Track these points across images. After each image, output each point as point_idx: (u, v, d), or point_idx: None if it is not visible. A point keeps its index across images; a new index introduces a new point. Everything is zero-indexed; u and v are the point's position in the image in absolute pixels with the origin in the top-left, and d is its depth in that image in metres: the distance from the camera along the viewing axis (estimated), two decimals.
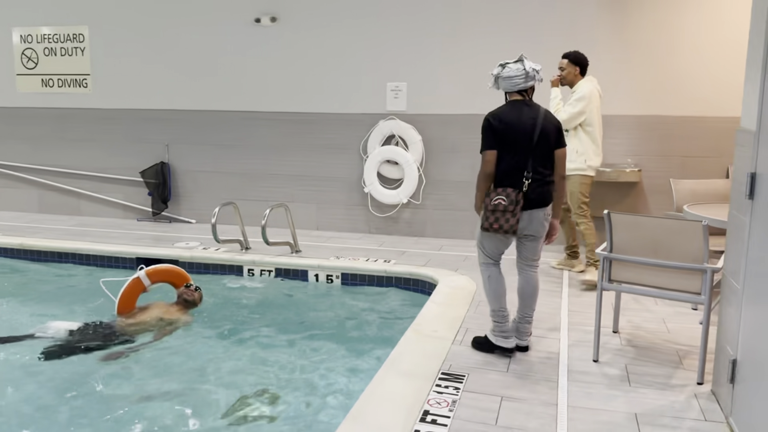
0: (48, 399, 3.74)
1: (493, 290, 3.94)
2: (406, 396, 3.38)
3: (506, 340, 3.95)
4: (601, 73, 6.52)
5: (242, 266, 6.15)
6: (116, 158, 8.18)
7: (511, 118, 3.79)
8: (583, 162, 5.50)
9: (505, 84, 3.83)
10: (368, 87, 7.25)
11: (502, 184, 3.79)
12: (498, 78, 3.83)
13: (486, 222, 3.79)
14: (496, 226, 3.75)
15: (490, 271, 3.96)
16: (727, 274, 3.36)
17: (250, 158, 7.75)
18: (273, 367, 4.19)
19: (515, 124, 3.77)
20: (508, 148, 3.77)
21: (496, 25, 6.76)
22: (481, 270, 4.01)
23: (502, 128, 3.76)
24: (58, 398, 3.74)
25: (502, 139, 3.77)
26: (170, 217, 8.03)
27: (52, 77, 8.26)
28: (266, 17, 7.36)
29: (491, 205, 3.76)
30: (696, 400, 3.41)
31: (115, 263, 6.48)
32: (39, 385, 3.90)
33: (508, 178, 3.78)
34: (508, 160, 3.78)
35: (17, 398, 3.77)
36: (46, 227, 7.63)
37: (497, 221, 3.75)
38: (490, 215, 3.76)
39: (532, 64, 3.80)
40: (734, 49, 6.31)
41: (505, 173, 3.78)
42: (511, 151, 3.78)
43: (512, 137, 3.76)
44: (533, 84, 3.85)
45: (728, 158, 6.44)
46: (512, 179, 3.77)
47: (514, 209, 3.71)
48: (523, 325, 4.03)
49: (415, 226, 7.32)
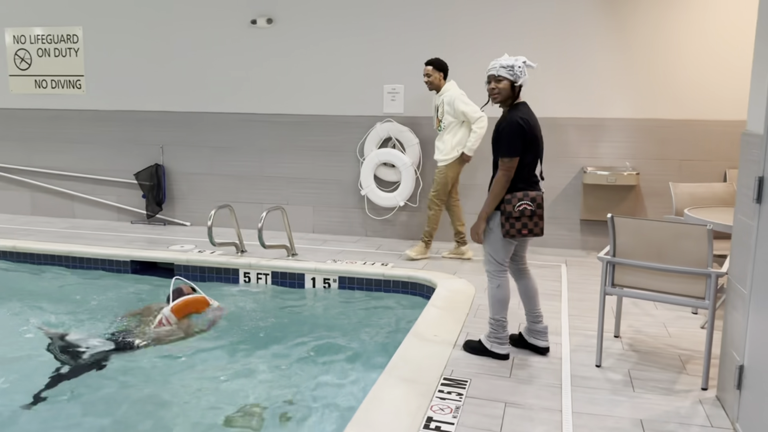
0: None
1: (502, 298, 3.88)
2: (409, 402, 3.33)
3: (502, 347, 3.92)
4: (599, 76, 6.53)
5: (238, 269, 6.08)
6: (110, 160, 8.10)
7: (533, 120, 3.78)
8: (460, 150, 6.15)
9: (526, 76, 3.77)
10: (365, 89, 7.20)
11: (523, 189, 3.76)
12: (527, 67, 3.76)
13: (512, 229, 3.72)
14: (525, 231, 3.72)
15: (501, 279, 3.89)
16: (732, 278, 3.33)
17: (245, 160, 7.69)
18: (272, 373, 4.14)
19: (534, 126, 3.78)
20: (529, 151, 3.75)
21: (492, 28, 6.74)
22: (491, 278, 3.92)
23: (529, 131, 3.73)
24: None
25: (528, 142, 3.73)
26: (165, 220, 7.95)
27: (46, 78, 8.17)
28: (262, 19, 7.30)
29: (516, 211, 3.70)
30: (701, 405, 3.38)
31: (110, 266, 6.40)
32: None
33: (528, 182, 3.78)
34: (528, 163, 3.77)
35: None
36: (39, 229, 7.54)
37: (525, 227, 3.72)
38: (515, 222, 3.71)
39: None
40: (732, 52, 6.32)
41: (526, 177, 3.77)
42: (531, 155, 3.77)
43: (533, 140, 3.76)
44: None
45: (725, 162, 6.44)
46: (532, 182, 3.79)
47: (541, 212, 3.73)
48: (539, 325, 4.02)
49: (412, 229, 7.28)
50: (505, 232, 3.75)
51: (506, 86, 3.76)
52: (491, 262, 3.90)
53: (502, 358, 3.91)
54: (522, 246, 4.00)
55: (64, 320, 5.02)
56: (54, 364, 4.19)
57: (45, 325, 4.84)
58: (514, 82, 3.74)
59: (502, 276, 3.89)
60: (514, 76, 3.74)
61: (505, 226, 3.74)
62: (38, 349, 4.39)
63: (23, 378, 3.99)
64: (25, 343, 4.55)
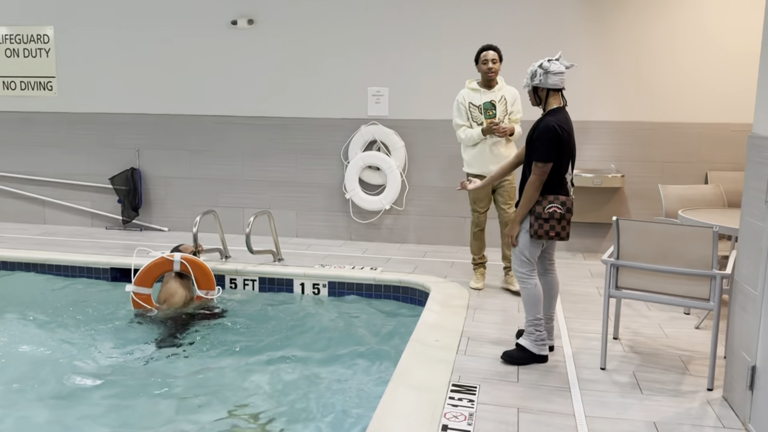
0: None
1: (538, 298, 3.90)
2: (422, 410, 3.27)
3: (544, 347, 3.94)
4: (583, 79, 6.58)
5: (224, 275, 5.94)
6: (83, 164, 7.85)
7: (568, 126, 3.79)
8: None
9: (555, 79, 3.76)
10: (349, 91, 7.13)
11: (553, 192, 3.78)
12: (547, 72, 3.74)
13: (540, 230, 3.77)
14: (552, 233, 3.77)
15: (535, 279, 3.92)
16: (740, 280, 3.36)
17: (225, 164, 7.54)
18: (269, 381, 4.03)
19: (570, 131, 3.79)
20: (562, 156, 3.76)
21: (478, 30, 6.72)
22: (525, 279, 3.92)
23: (565, 137, 3.74)
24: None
25: (563, 148, 3.75)
26: (141, 225, 7.74)
27: (14, 80, 7.87)
28: (243, 19, 7.17)
29: (546, 213, 3.75)
30: (710, 406, 3.40)
31: (88, 274, 6.19)
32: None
33: (560, 186, 3.79)
34: (561, 167, 3.78)
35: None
36: (9, 236, 7.25)
37: (553, 229, 3.76)
38: (544, 223, 3.76)
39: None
40: (714, 55, 6.44)
41: (557, 181, 3.79)
42: (564, 159, 3.78)
43: (567, 145, 3.78)
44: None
45: (707, 164, 6.56)
46: (563, 186, 3.80)
47: (569, 217, 3.77)
48: (550, 325, 4.07)
49: (397, 232, 7.22)
50: (533, 233, 3.81)
51: (530, 93, 3.90)
52: (523, 262, 3.92)
53: (544, 360, 3.93)
54: (551, 246, 4.06)
55: (47, 327, 4.83)
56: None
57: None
58: (536, 86, 3.82)
59: (534, 276, 3.93)
60: (532, 81, 3.82)
61: (533, 226, 3.79)
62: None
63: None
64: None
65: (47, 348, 4.52)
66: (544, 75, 3.75)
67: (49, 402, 3.75)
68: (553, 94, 3.81)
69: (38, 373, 4.11)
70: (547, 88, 3.79)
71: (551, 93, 3.81)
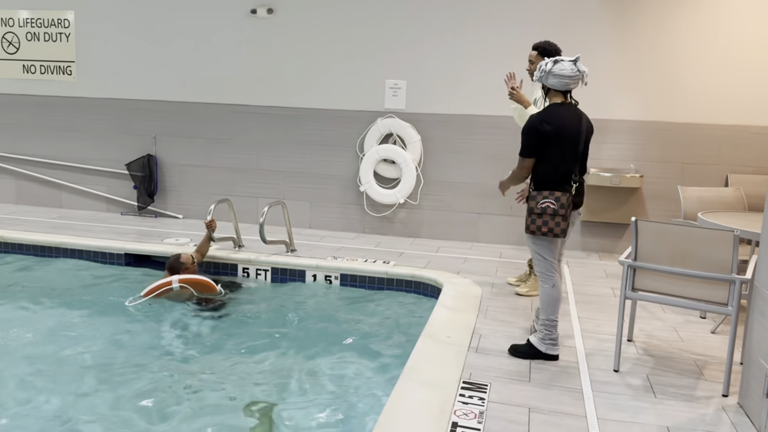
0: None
1: (554, 299, 3.87)
2: (432, 407, 3.24)
3: (555, 347, 3.91)
4: (603, 77, 6.49)
5: (237, 265, 5.94)
6: (101, 149, 7.88)
7: (559, 120, 3.71)
8: None
9: (554, 81, 3.72)
10: (366, 84, 7.09)
11: (549, 188, 3.73)
12: (549, 73, 3.72)
13: (533, 225, 3.76)
14: (545, 229, 3.72)
15: (555, 279, 3.88)
16: (760, 285, 3.30)
17: (240, 153, 7.53)
18: (281, 378, 4.02)
19: (563, 126, 3.70)
20: (555, 151, 3.71)
21: (496, 25, 6.66)
22: (545, 278, 3.89)
23: (550, 131, 3.68)
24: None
25: (550, 142, 3.70)
26: (156, 212, 7.76)
27: (34, 63, 7.91)
28: (263, 8, 7.15)
29: (538, 208, 3.72)
30: (725, 413, 3.34)
31: (102, 259, 6.21)
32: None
33: (557, 182, 3.73)
34: (556, 163, 3.72)
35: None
36: (25, 219, 7.30)
37: (546, 224, 3.72)
38: (537, 218, 3.73)
39: (584, 68, 3.75)
40: (738, 55, 6.33)
41: (554, 177, 3.73)
42: (559, 155, 3.72)
43: (560, 140, 3.70)
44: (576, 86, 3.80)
45: (727, 166, 6.46)
46: (561, 183, 3.73)
47: (565, 213, 3.70)
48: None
49: (411, 226, 7.19)
50: (526, 228, 3.81)
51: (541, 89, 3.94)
52: (540, 262, 3.89)
53: (554, 359, 3.90)
54: (558, 246, 4.01)
55: (62, 311, 4.86)
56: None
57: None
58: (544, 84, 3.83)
59: (554, 275, 3.88)
60: (538, 78, 3.83)
61: (527, 221, 3.79)
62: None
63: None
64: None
65: (53, 332, 4.52)
66: (546, 74, 3.74)
67: (56, 388, 3.75)
68: (554, 92, 3.80)
69: (45, 356, 4.13)
70: (547, 87, 3.81)
71: (552, 91, 3.80)
